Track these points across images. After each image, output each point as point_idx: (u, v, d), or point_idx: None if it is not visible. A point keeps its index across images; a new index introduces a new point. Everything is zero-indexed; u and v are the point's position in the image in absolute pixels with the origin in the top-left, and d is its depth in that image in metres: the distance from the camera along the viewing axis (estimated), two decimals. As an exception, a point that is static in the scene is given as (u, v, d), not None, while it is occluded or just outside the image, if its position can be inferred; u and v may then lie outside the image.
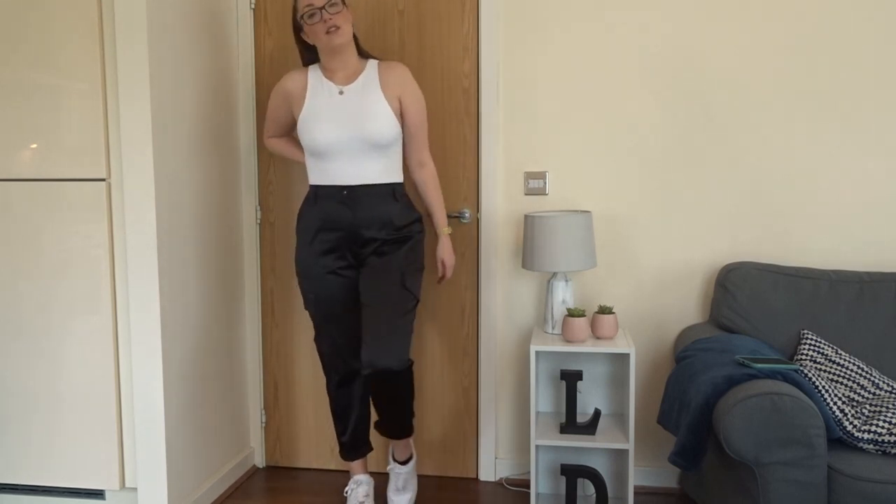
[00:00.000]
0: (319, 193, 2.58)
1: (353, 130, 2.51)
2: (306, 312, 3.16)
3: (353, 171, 2.54)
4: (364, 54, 2.65)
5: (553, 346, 2.66)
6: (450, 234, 2.75)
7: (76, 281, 2.62)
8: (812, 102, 2.80)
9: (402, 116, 2.60)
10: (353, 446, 2.79)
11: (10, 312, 2.68)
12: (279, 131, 2.78)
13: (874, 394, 2.39)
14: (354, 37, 2.59)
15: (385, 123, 2.53)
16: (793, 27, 2.79)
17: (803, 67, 2.80)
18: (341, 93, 2.55)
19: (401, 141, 2.63)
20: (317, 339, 2.72)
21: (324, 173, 2.57)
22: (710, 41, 2.83)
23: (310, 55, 2.65)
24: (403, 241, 2.61)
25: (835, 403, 2.24)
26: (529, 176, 2.97)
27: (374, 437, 3.07)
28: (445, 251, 2.75)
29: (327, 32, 2.47)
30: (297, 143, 2.80)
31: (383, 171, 2.58)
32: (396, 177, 2.62)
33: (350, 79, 2.57)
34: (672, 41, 2.85)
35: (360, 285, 2.61)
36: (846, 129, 2.80)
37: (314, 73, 2.61)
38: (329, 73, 2.59)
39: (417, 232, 2.65)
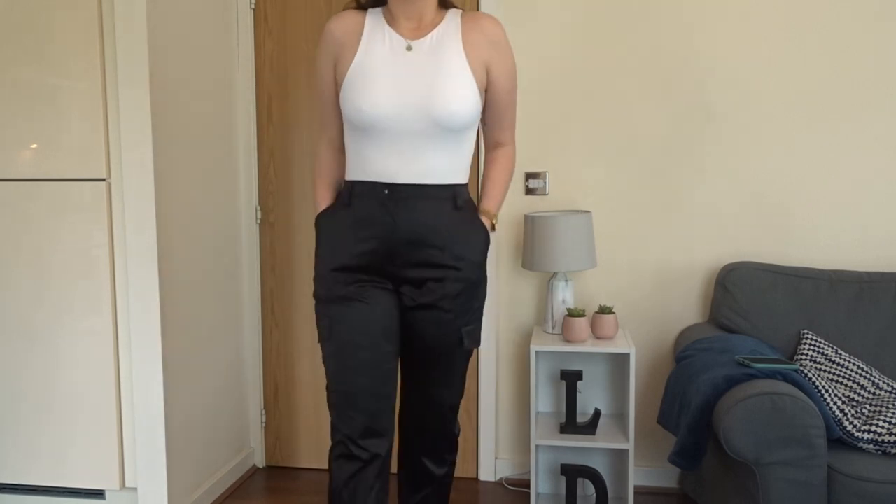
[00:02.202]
0: (355, 191, 1.89)
1: (419, 102, 1.80)
2: (307, 312, 3.16)
3: (404, 164, 1.84)
4: (446, 3, 1.95)
5: (553, 346, 2.66)
6: (494, 228, 2.01)
7: (76, 281, 2.62)
8: (812, 102, 2.80)
9: (487, 89, 1.91)
10: None
11: (10, 312, 2.68)
12: (339, 126, 1.99)
13: (874, 394, 2.39)
14: None
15: (465, 98, 1.83)
16: (793, 27, 2.79)
17: (803, 67, 2.80)
18: (409, 49, 1.85)
19: (477, 124, 1.94)
20: (328, 388, 1.93)
21: (363, 163, 1.87)
22: (709, 41, 2.83)
23: None
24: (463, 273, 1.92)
25: (835, 403, 2.24)
26: (529, 176, 2.97)
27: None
28: None
29: None
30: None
31: (447, 166, 1.87)
32: (462, 176, 1.92)
33: (423, 31, 1.87)
34: (672, 41, 2.85)
35: (404, 329, 1.96)
36: (846, 129, 2.79)
37: (374, 17, 1.91)
38: (394, 21, 1.89)
39: (482, 255, 1.95)
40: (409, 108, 1.81)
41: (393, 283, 1.91)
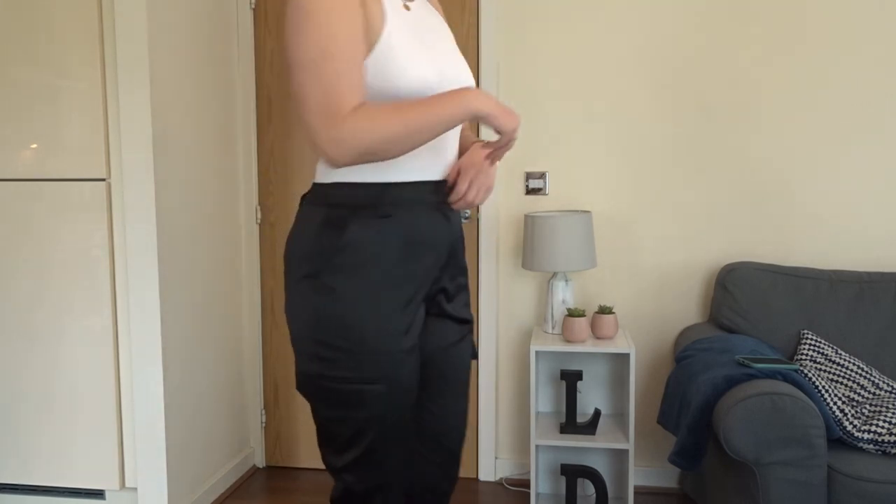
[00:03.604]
0: (399, 198, 1.42)
1: (452, 72, 1.46)
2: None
3: (438, 153, 1.47)
4: None
5: (553, 346, 2.66)
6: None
7: (76, 281, 2.62)
8: (812, 102, 2.80)
9: None
10: None
11: (10, 312, 2.68)
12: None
13: (874, 394, 2.39)
14: None
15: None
16: (792, 26, 2.79)
17: (804, 67, 2.80)
18: (407, 8, 1.43)
19: None
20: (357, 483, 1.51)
21: (414, 157, 1.43)
22: (709, 40, 2.83)
23: None
24: (466, 274, 1.64)
25: (835, 403, 2.24)
26: (529, 176, 2.97)
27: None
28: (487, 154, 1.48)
29: None
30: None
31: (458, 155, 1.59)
32: None
33: None
34: (672, 40, 2.85)
35: (431, 363, 1.61)
36: (846, 129, 2.79)
37: None
38: None
39: None
40: (446, 79, 1.43)
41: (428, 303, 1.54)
